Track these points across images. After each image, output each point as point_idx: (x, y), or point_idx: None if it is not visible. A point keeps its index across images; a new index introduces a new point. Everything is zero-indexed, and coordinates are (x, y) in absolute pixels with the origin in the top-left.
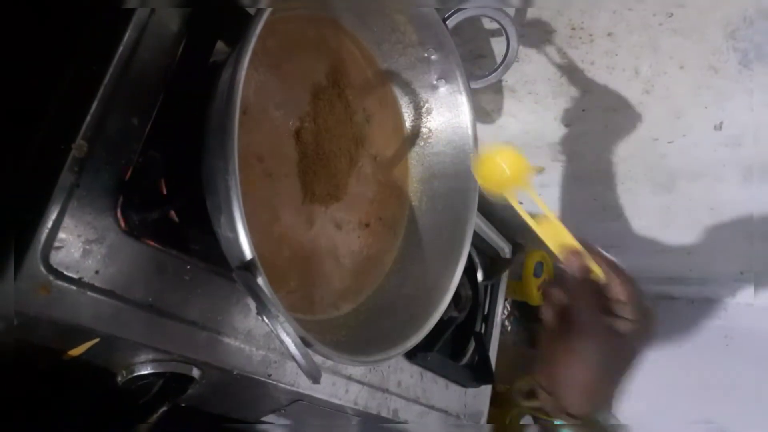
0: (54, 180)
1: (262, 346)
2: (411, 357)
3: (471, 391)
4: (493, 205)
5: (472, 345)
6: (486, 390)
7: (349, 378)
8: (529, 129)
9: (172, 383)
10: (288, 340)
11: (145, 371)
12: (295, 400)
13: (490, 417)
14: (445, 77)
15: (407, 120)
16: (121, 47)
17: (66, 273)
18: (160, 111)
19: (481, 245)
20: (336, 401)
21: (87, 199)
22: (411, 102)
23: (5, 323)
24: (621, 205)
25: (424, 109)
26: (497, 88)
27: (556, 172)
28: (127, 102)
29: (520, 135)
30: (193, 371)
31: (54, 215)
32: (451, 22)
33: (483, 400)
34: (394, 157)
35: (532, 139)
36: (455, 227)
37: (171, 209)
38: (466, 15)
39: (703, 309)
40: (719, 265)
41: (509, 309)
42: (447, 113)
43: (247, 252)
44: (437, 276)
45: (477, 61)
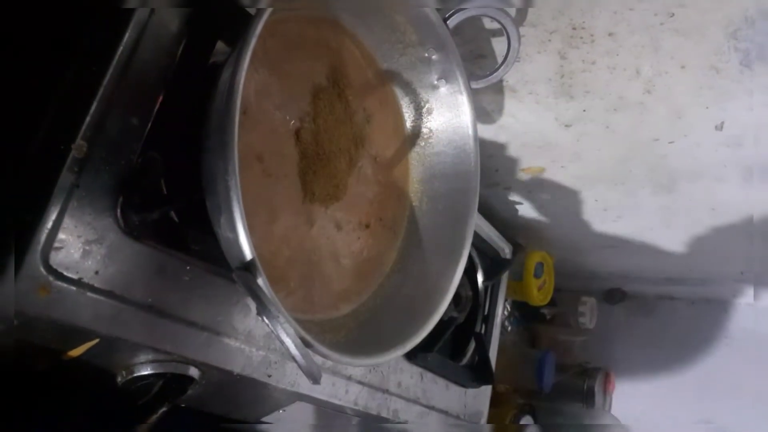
0: (54, 180)
1: (262, 346)
2: (411, 357)
3: (471, 392)
4: (494, 206)
5: (472, 345)
6: (486, 390)
7: (349, 378)
8: (530, 129)
9: (171, 384)
10: (288, 340)
11: (145, 372)
12: (295, 400)
13: (490, 417)
14: (446, 77)
15: (407, 120)
16: (121, 47)
17: (66, 273)
18: (160, 111)
19: (482, 246)
20: (336, 402)
21: (87, 200)
22: (411, 102)
23: (5, 324)
24: (621, 206)
25: (424, 109)
26: (498, 88)
27: (556, 172)
28: (127, 102)
29: (520, 135)
30: (193, 372)
31: (54, 216)
32: (452, 21)
33: (483, 400)
34: (394, 158)
35: (532, 139)
36: (456, 228)
37: (171, 209)
38: (466, 15)
39: (703, 309)
40: (719, 266)
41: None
42: (447, 113)
43: (247, 252)
44: (437, 276)
45: (478, 61)
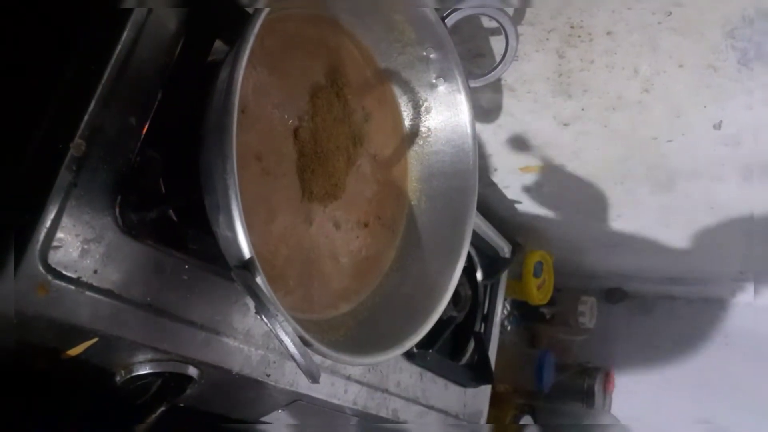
0: (52, 179)
1: (260, 345)
2: (410, 357)
3: (470, 391)
4: (493, 205)
5: (471, 345)
6: (486, 390)
7: (348, 378)
8: (528, 128)
9: (170, 383)
10: (287, 339)
11: (144, 371)
12: (294, 400)
13: (489, 417)
14: (444, 76)
15: (406, 119)
16: (119, 47)
17: (64, 272)
18: (158, 110)
19: (481, 245)
20: (335, 401)
21: (85, 199)
22: (410, 101)
23: (4, 323)
24: (620, 205)
25: (423, 108)
26: (496, 87)
27: (555, 171)
28: (125, 101)
29: (519, 134)
30: (192, 371)
31: (52, 215)
32: (450, 21)
33: (483, 400)
34: (393, 156)
35: (530, 138)
36: (455, 226)
37: (169, 208)
38: (465, 14)
39: (703, 309)
40: (719, 265)
41: (509, 309)
42: (446, 112)
43: (246, 251)
44: (436, 275)
45: (476, 60)
